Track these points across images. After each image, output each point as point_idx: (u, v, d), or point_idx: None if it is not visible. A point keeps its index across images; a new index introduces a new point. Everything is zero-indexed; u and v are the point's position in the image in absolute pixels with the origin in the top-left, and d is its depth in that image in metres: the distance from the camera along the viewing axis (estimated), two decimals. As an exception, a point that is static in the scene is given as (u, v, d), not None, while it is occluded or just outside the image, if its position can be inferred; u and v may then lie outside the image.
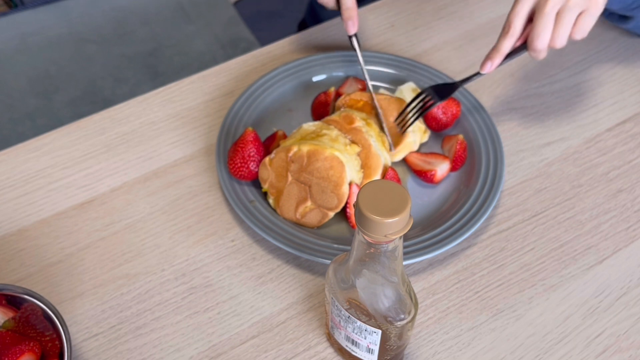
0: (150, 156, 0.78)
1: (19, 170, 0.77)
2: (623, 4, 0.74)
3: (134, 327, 0.64)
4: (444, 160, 0.74)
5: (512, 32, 0.69)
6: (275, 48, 0.91)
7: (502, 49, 0.70)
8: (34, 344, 0.54)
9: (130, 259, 0.69)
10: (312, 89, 0.84)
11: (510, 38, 0.69)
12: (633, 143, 0.80)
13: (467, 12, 0.96)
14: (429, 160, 0.74)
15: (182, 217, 0.72)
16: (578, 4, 0.66)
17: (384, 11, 0.96)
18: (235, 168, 0.71)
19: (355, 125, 0.72)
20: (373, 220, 0.44)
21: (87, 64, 1.21)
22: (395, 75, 0.84)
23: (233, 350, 0.63)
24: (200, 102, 0.84)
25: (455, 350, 0.63)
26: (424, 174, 0.74)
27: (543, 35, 0.67)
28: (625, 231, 0.72)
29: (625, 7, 0.75)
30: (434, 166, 0.73)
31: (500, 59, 0.71)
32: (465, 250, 0.70)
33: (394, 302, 0.52)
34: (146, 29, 1.25)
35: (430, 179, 0.73)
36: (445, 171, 0.74)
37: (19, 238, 0.71)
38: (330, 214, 0.69)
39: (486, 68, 0.71)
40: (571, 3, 0.66)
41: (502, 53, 0.70)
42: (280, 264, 0.69)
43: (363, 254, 0.49)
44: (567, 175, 0.77)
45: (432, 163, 0.74)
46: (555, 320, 0.65)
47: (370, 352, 0.57)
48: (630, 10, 0.76)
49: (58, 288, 0.67)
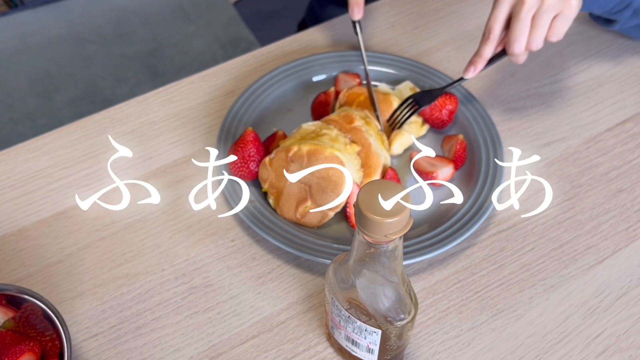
0: (150, 156, 0.78)
1: (19, 170, 0.77)
2: (603, 9, 0.75)
3: (134, 327, 0.64)
4: (448, 164, 0.74)
5: (492, 37, 0.71)
6: (275, 48, 0.91)
7: (484, 54, 0.72)
8: (34, 344, 0.54)
9: (130, 259, 0.69)
10: (312, 89, 0.84)
11: (490, 43, 0.71)
12: (633, 143, 0.80)
13: (467, 12, 0.96)
14: (433, 162, 0.74)
15: (182, 217, 0.72)
16: (552, 7, 0.67)
17: (384, 11, 0.96)
18: (235, 168, 0.71)
19: (355, 125, 0.72)
20: (373, 220, 0.44)
21: (87, 64, 1.21)
22: (395, 75, 0.84)
23: (233, 350, 0.63)
24: (200, 102, 0.84)
25: (455, 350, 0.63)
26: (425, 175, 0.73)
27: (520, 40, 0.69)
28: (625, 231, 0.72)
29: (608, 11, 0.76)
30: (437, 168, 0.73)
31: (483, 64, 0.73)
32: (465, 250, 0.70)
33: (394, 302, 0.52)
34: (146, 29, 1.25)
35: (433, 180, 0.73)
36: (448, 175, 0.74)
37: (19, 238, 0.71)
38: (330, 214, 0.69)
39: (469, 73, 0.74)
40: (545, 6, 0.67)
41: (484, 58, 0.73)
42: (280, 264, 0.69)
43: (363, 254, 0.49)
44: (567, 175, 0.77)
45: (436, 165, 0.74)
46: (555, 320, 0.65)
47: (370, 352, 0.57)
48: (613, 14, 0.77)
49: (58, 288, 0.67)
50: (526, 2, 0.67)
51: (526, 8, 0.67)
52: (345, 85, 0.82)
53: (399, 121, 0.76)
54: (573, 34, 0.92)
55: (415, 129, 0.77)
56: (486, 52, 0.72)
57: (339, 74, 0.84)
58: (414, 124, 0.77)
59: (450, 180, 0.75)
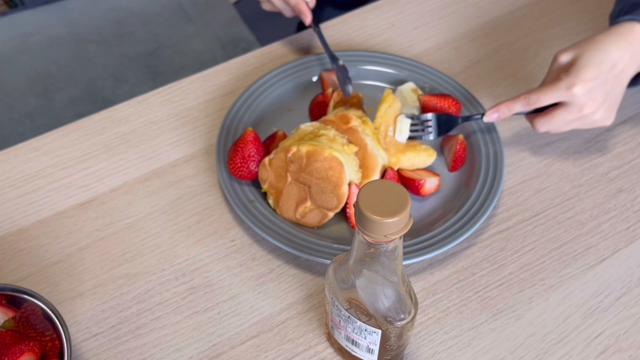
0: (150, 156, 0.78)
1: (19, 170, 0.77)
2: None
3: (134, 327, 0.64)
4: (433, 176, 0.73)
5: (530, 106, 0.71)
6: (275, 48, 0.91)
7: (513, 110, 0.72)
8: (34, 344, 0.54)
9: (130, 259, 0.69)
10: (311, 89, 0.84)
11: (525, 107, 0.71)
12: (633, 143, 0.80)
13: (467, 12, 0.96)
14: (419, 172, 0.74)
15: (182, 217, 0.72)
16: (589, 123, 0.70)
17: (384, 11, 0.96)
18: (235, 168, 0.71)
19: (351, 125, 0.72)
20: (373, 220, 0.44)
21: (87, 64, 1.21)
22: (395, 75, 0.84)
23: (233, 350, 0.63)
24: (200, 102, 0.84)
25: (455, 350, 0.63)
26: (411, 183, 0.73)
27: (549, 129, 0.71)
28: (625, 231, 0.72)
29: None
30: (422, 177, 0.72)
31: (506, 116, 0.73)
32: (465, 250, 0.70)
33: (394, 302, 0.52)
34: (146, 29, 1.25)
35: (417, 189, 0.72)
36: (434, 186, 0.73)
37: (19, 238, 0.71)
38: (330, 214, 0.69)
39: (491, 118, 0.74)
40: (585, 120, 0.70)
41: (511, 112, 0.73)
42: (280, 264, 0.69)
43: (363, 254, 0.49)
44: (567, 175, 0.77)
45: (422, 175, 0.73)
46: (555, 320, 0.65)
47: (370, 352, 0.57)
48: None
49: (58, 288, 0.67)
50: (584, 113, 0.69)
51: (576, 116, 0.69)
52: (332, 83, 0.82)
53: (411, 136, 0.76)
54: (573, 34, 0.92)
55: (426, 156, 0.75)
56: (516, 110, 0.72)
57: (322, 73, 0.84)
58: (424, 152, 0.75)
59: (451, 180, 0.75)
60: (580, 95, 0.67)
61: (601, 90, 0.68)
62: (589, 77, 0.67)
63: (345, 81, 0.80)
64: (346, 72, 0.81)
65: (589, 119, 0.70)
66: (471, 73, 0.88)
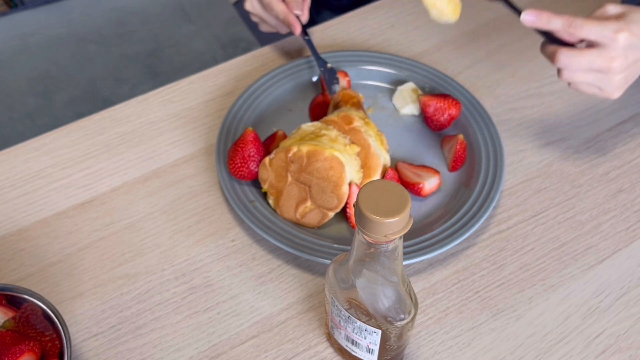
0: (150, 156, 0.78)
1: (19, 170, 0.77)
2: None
3: (134, 327, 0.64)
4: (434, 175, 0.73)
5: (570, 28, 0.66)
6: (275, 48, 0.91)
7: (551, 24, 0.66)
8: (34, 344, 0.54)
9: (130, 259, 0.69)
10: (311, 89, 0.84)
11: (564, 27, 0.66)
12: (633, 143, 0.80)
13: (467, 12, 0.96)
14: (419, 172, 0.74)
15: (182, 217, 0.72)
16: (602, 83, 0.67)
17: (384, 11, 0.96)
18: (235, 168, 0.71)
19: (354, 125, 0.72)
20: (373, 220, 0.44)
21: (87, 64, 1.21)
22: (395, 75, 0.84)
23: (233, 350, 0.63)
24: (200, 102, 0.84)
25: (455, 350, 0.63)
26: (411, 187, 0.73)
27: (569, 64, 0.66)
28: (625, 231, 0.72)
29: None
30: (423, 179, 0.72)
31: (541, 27, 0.67)
32: (465, 250, 0.70)
33: (394, 302, 0.52)
34: (146, 29, 1.25)
35: (418, 192, 0.72)
36: (435, 186, 0.73)
37: (19, 238, 0.71)
38: (330, 214, 0.69)
39: (527, 19, 0.67)
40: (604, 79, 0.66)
41: (548, 25, 0.67)
42: (280, 264, 0.69)
43: (363, 254, 0.49)
44: (567, 175, 0.77)
45: (422, 176, 0.73)
46: (555, 320, 0.65)
47: (370, 352, 0.57)
48: None
49: (58, 288, 0.67)
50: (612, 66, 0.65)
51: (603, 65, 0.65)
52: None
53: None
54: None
55: (453, 7, 0.72)
56: (553, 25, 0.66)
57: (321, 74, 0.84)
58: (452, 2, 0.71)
59: (451, 180, 0.75)
60: (622, 44, 0.64)
61: (636, 54, 0.65)
62: (637, 32, 0.64)
63: (331, 81, 0.81)
64: (334, 74, 0.82)
65: (609, 79, 0.66)
66: (471, 73, 0.88)
